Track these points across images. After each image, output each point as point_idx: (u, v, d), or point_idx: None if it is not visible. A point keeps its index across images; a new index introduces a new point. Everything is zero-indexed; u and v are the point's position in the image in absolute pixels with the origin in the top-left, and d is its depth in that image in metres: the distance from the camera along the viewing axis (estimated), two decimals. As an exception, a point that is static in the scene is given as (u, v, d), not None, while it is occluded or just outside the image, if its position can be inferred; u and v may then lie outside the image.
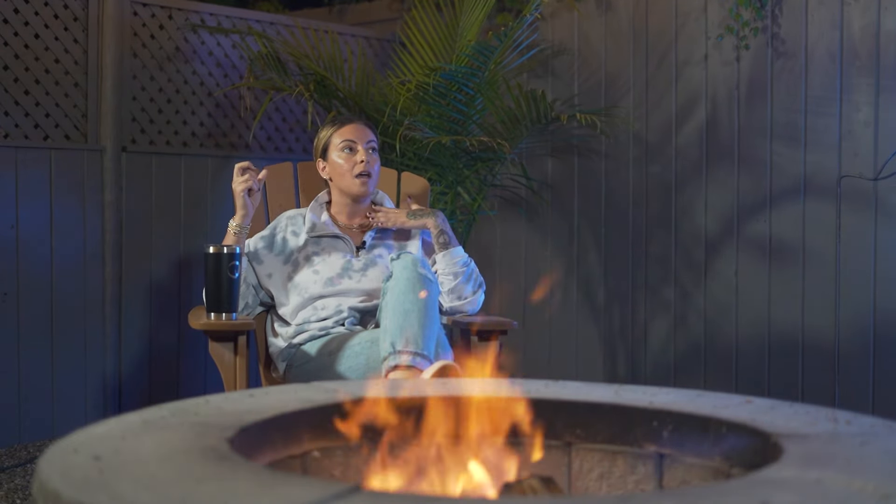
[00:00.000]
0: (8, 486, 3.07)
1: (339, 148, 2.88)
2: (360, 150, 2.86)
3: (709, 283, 3.88)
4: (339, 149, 2.88)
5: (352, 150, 2.87)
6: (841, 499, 1.02)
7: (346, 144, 2.87)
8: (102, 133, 3.68)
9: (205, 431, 1.28)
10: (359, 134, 2.89)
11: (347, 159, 2.86)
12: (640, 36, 4.03)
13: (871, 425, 1.37)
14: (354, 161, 2.86)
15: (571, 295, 4.24)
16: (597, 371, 4.18)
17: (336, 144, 2.88)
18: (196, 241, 3.88)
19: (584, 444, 1.53)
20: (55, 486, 1.04)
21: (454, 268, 2.83)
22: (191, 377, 3.92)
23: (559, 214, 4.27)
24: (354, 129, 2.90)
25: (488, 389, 1.61)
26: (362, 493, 1.03)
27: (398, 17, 4.56)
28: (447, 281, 2.82)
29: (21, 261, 3.49)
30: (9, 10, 3.45)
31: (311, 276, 2.81)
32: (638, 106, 4.03)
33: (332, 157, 2.89)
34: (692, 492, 1.10)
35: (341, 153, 2.87)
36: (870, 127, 3.50)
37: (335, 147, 2.88)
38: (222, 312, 2.59)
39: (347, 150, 2.87)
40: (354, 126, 2.91)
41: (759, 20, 3.68)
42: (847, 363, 3.56)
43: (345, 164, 2.86)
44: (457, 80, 3.49)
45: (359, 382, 1.72)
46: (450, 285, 2.82)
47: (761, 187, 3.74)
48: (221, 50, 4.00)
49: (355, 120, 2.94)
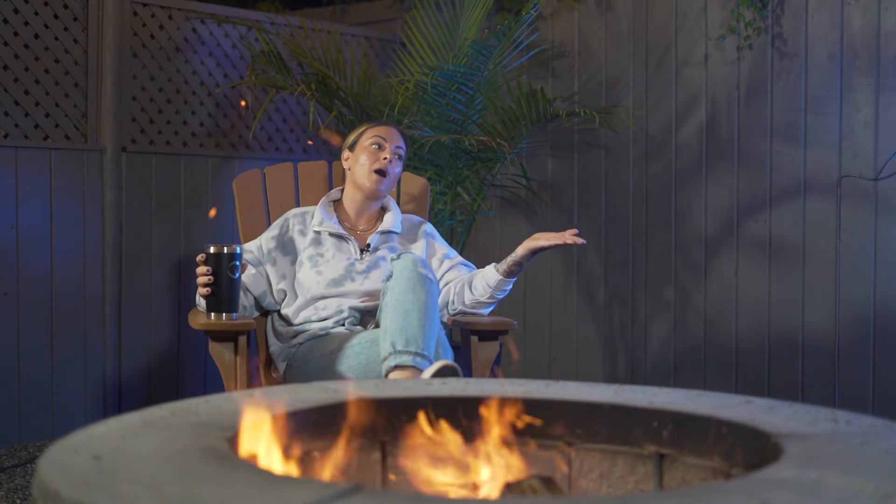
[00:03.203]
0: (8, 486, 3.07)
1: (368, 142, 2.93)
2: (388, 149, 2.91)
3: (709, 283, 3.89)
4: (368, 143, 2.93)
5: (380, 147, 2.92)
6: (841, 499, 1.02)
7: (376, 141, 2.92)
8: (102, 133, 3.68)
9: (205, 431, 1.28)
10: (391, 135, 2.94)
11: (372, 154, 2.91)
12: (640, 36, 4.03)
13: (871, 425, 1.37)
14: (378, 157, 2.90)
15: (571, 295, 4.24)
16: (597, 371, 4.18)
17: (367, 138, 2.94)
18: (196, 241, 3.88)
19: (584, 444, 1.53)
20: (55, 486, 1.04)
21: (499, 294, 2.82)
22: (191, 377, 3.92)
23: (559, 214, 4.27)
24: (388, 130, 2.96)
25: (488, 389, 1.61)
26: (362, 493, 1.03)
27: (399, 17, 4.56)
28: (482, 297, 2.80)
29: (21, 261, 3.49)
30: (9, 10, 3.45)
31: (315, 277, 2.81)
32: (638, 106, 4.03)
33: (359, 150, 2.94)
34: (692, 492, 1.10)
35: (369, 147, 2.92)
36: (870, 127, 3.50)
37: (365, 139, 2.94)
38: (222, 312, 2.59)
39: (376, 146, 2.92)
40: (389, 128, 2.97)
41: (761, 20, 3.68)
42: (847, 363, 3.56)
43: (368, 157, 2.90)
44: (456, 80, 3.49)
45: (359, 382, 1.72)
46: (479, 300, 2.81)
47: (761, 187, 3.74)
48: (222, 50, 4.00)
49: (392, 124, 3.01)
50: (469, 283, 2.82)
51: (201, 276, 2.56)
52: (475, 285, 2.80)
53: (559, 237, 2.68)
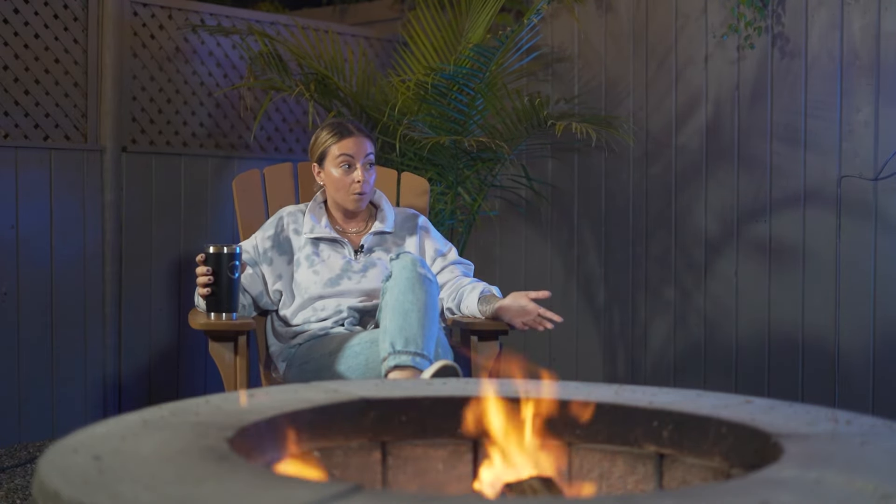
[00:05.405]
0: (8, 486, 3.07)
1: (336, 162, 2.83)
2: (358, 169, 2.82)
3: (709, 284, 3.89)
4: (336, 163, 2.83)
5: (349, 167, 2.83)
6: (841, 499, 1.02)
7: (345, 160, 2.83)
8: (102, 133, 3.68)
9: (205, 431, 1.28)
10: (357, 149, 2.83)
11: (344, 175, 2.83)
12: (641, 37, 4.03)
13: (871, 425, 1.37)
14: (352, 179, 2.83)
15: (571, 295, 4.24)
16: (597, 371, 4.18)
17: (334, 156, 2.84)
18: (196, 241, 3.88)
19: (584, 444, 1.53)
20: (55, 486, 1.04)
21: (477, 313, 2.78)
22: (191, 377, 3.92)
23: (559, 215, 4.27)
24: (354, 143, 2.84)
25: (488, 389, 1.61)
26: (362, 493, 1.03)
27: (399, 18, 4.56)
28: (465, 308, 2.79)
29: (21, 261, 3.49)
30: (9, 10, 3.45)
31: (312, 277, 2.81)
32: (639, 107, 4.03)
33: (329, 167, 2.85)
34: (692, 492, 1.10)
35: (338, 168, 2.83)
36: (870, 127, 3.50)
37: (332, 158, 2.84)
38: (222, 312, 2.59)
39: (345, 165, 2.83)
40: (354, 140, 2.84)
41: (762, 20, 3.68)
42: (847, 363, 3.56)
43: (341, 179, 2.84)
44: (457, 81, 3.49)
45: (359, 382, 1.72)
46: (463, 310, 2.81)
47: (762, 187, 3.74)
48: (221, 50, 4.00)
49: (355, 133, 2.86)
50: (459, 300, 2.81)
51: (201, 277, 2.56)
52: (466, 304, 2.78)
53: (534, 323, 2.65)
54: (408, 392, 1.59)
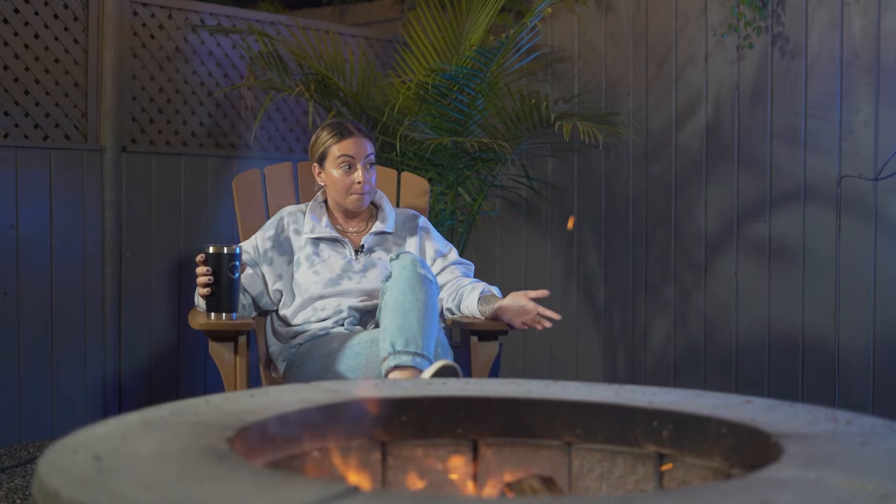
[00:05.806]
0: (8, 486, 3.07)
1: (337, 162, 2.83)
2: (359, 170, 2.82)
3: (709, 283, 3.88)
4: (336, 163, 2.83)
5: (350, 168, 2.83)
6: (841, 499, 1.02)
7: (345, 160, 2.82)
8: (102, 133, 3.68)
9: (205, 431, 1.28)
10: (358, 150, 2.83)
11: (344, 176, 2.83)
12: (641, 37, 4.03)
13: (871, 425, 1.37)
14: (352, 180, 2.83)
15: (571, 295, 4.24)
16: (597, 371, 4.18)
17: (334, 156, 2.84)
18: (196, 241, 3.88)
19: (584, 444, 1.53)
20: (55, 486, 1.04)
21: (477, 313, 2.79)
22: (191, 377, 3.92)
23: (559, 215, 4.27)
24: (354, 143, 2.84)
25: (489, 390, 1.61)
26: (362, 493, 1.03)
27: (399, 18, 4.56)
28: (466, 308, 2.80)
29: (21, 261, 3.49)
30: (9, 10, 3.45)
31: (312, 277, 2.81)
32: (639, 107, 4.03)
33: (329, 168, 2.85)
34: (692, 492, 1.10)
35: (339, 168, 2.83)
36: (870, 127, 3.50)
37: (333, 158, 2.84)
38: (222, 312, 2.59)
39: (346, 166, 2.83)
40: (354, 140, 2.84)
41: (762, 19, 3.68)
42: (847, 363, 3.56)
43: (341, 180, 2.84)
44: (458, 82, 3.49)
45: (358, 382, 1.72)
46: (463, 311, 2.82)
47: (761, 187, 3.74)
48: (221, 50, 4.00)
49: (355, 133, 2.86)
50: (459, 300, 2.81)
51: (201, 277, 2.56)
52: (466, 305, 2.78)
53: (533, 322, 2.66)
54: (408, 392, 1.59)
